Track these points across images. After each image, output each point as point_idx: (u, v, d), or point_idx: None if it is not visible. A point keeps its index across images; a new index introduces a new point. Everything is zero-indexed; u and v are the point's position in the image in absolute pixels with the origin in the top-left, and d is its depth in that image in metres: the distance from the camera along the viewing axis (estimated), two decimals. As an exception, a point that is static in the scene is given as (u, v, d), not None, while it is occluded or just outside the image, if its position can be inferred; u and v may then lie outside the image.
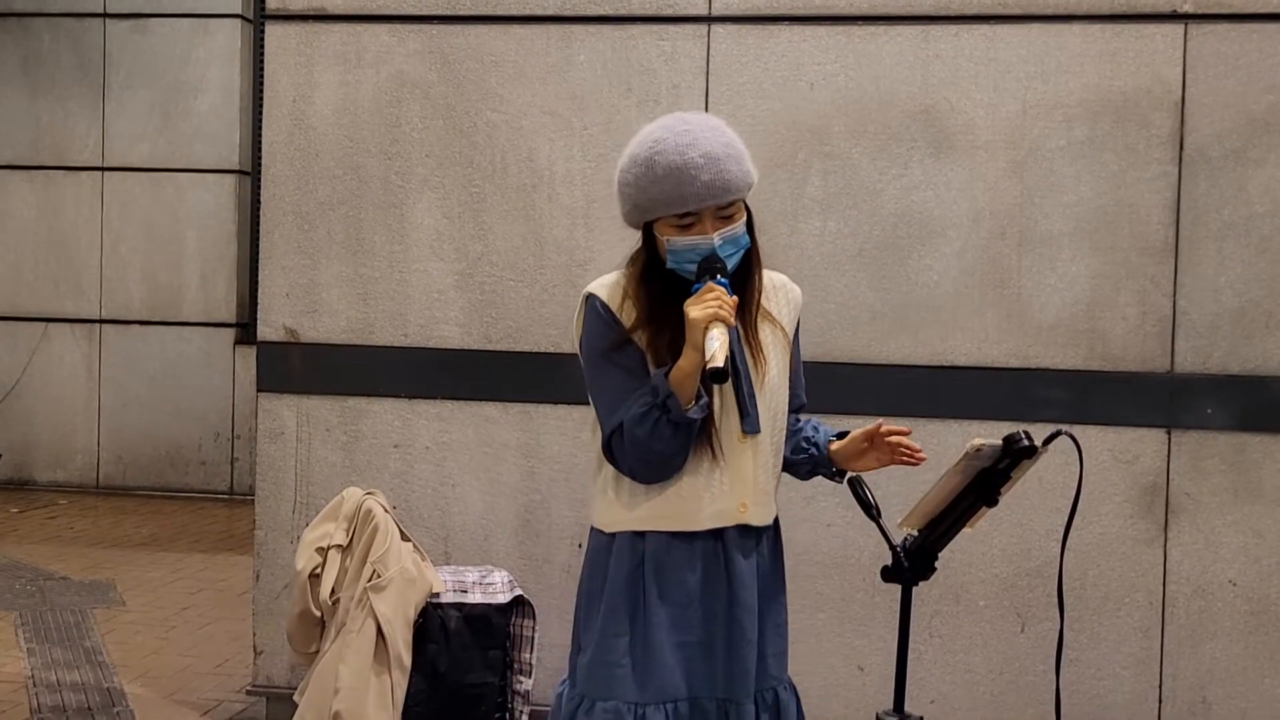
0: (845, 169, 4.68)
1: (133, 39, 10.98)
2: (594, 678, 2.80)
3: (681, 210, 2.67)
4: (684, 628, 2.78)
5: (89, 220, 11.02)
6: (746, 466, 2.79)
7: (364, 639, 4.41)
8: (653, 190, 2.67)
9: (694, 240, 2.68)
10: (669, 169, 2.65)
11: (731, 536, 2.79)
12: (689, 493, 2.76)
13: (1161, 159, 4.54)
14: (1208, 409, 4.53)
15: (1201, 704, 4.57)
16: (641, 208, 2.72)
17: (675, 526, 2.77)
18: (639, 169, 2.70)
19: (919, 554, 2.87)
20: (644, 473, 2.74)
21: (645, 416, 2.65)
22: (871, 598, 4.68)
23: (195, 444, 10.91)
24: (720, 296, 2.61)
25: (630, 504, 2.79)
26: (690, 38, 4.76)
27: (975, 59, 4.62)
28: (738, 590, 2.79)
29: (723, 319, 2.59)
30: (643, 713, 2.75)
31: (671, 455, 2.70)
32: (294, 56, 4.99)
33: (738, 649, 2.79)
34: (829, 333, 4.69)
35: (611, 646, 2.78)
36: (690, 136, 2.68)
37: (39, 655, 6.06)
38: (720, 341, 2.57)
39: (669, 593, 2.77)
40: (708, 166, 2.65)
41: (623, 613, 2.78)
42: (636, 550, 2.78)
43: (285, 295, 4.99)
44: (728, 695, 2.80)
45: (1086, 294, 4.58)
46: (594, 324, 2.78)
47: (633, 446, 2.68)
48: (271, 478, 5.03)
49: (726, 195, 2.67)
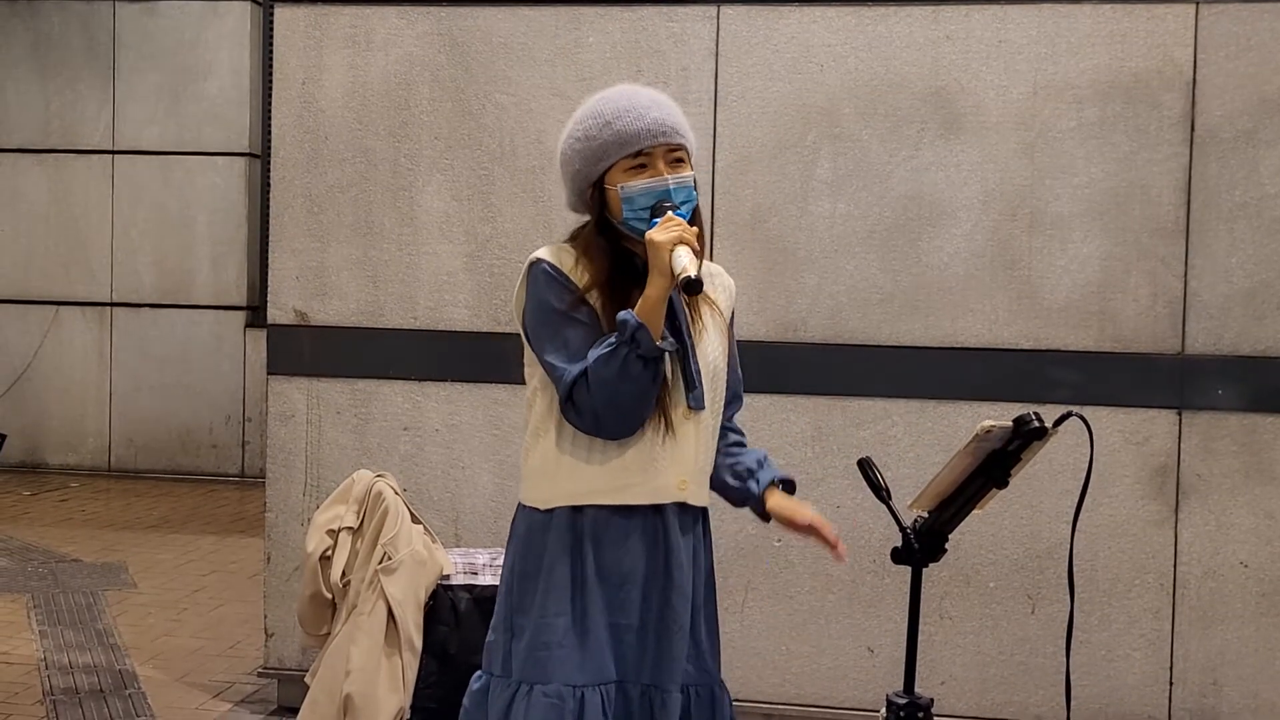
0: (855, 151, 4.67)
1: (142, 21, 10.98)
2: (533, 661, 2.72)
3: (634, 149, 2.69)
4: (618, 609, 2.74)
5: (99, 203, 11.03)
6: (689, 443, 2.77)
7: (375, 621, 4.42)
8: (604, 134, 2.71)
9: (649, 182, 2.70)
10: (617, 111, 2.71)
11: (671, 514, 2.76)
12: (633, 464, 2.72)
13: (1173, 140, 4.52)
14: (1219, 390, 4.52)
15: (1213, 686, 4.57)
16: (592, 158, 2.73)
17: (615, 500, 2.72)
18: (587, 122, 2.74)
19: (929, 536, 2.87)
20: (611, 419, 2.67)
21: (613, 355, 2.61)
22: (881, 579, 4.68)
23: (206, 427, 10.93)
24: (681, 223, 2.63)
25: (571, 477, 2.74)
26: (700, 19, 4.74)
27: (986, 40, 4.60)
28: (674, 572, 2.75)
29: (687, 241, 2.60)
30: (581, 695, 2.69)
31: (640, 396, 2.65)
32: (303, 39, 4.98)
33: (669, 634, 2.75)
34: (839, 314, 4.68)
35: (551, 627, 2.71)
36: (633, 89, 2.78)
37: (51, 638, 6.08)
38: (689, 257, 2.58)
39: (607, 571, 2.73)
40: (654, 106, 2.73)
41: (562, 591, 2.72)
42: (575, 526, 2.74)
43: (295, 278, 4.99)
44: (654, 681, 2.75)
45: (1097, 275, 4.57)
46: (546, 286, 2.76)
47: (600, 389, 2.63)
48: (282, 460, 5.04)
49: (676, 135, 2.73)
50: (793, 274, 4.70)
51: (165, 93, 10.96)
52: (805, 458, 4.65)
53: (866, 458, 2.91)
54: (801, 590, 4.76)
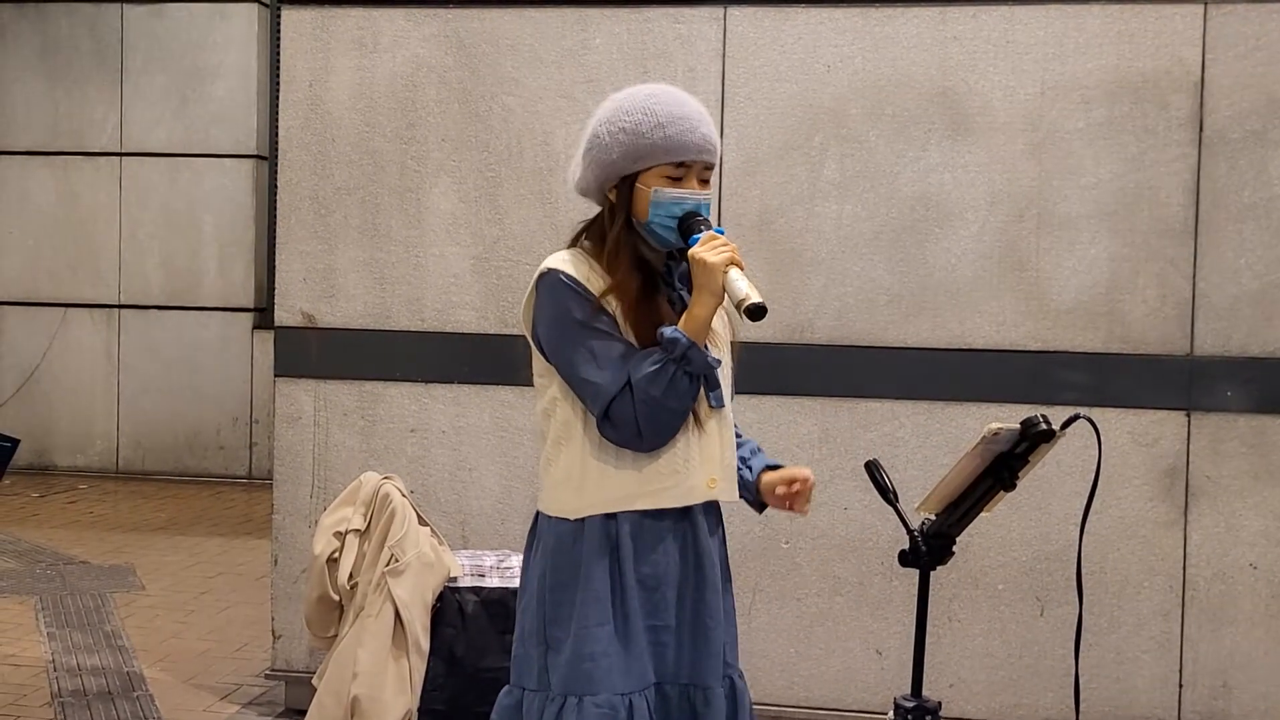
0: (862, 152, 4.66)
1: (150, 24, 10.99)
2: (577, 674, 2.69)
3: (680, 158, 2.69)
4: (654, 612, 2.73)
5: (107, 206, 11.05)
6: (715, 441, 2.77)
7: (382, 623, 4.42)
8: (654, 135, 2.68)
9: (684, 192, 2.70)
10: (672, 116, 2.69)
11: (699, 513, 2.77)
12: (665, 468, 2.71)
13: (1181, 140, 4.51)
14: (1227, 391, 4.51)
15: (1222, 688, 4.55)
16: (634, 154, 2.70)
17: (650, 504, 2.72)
18: (637, 115, 2.70)
19: (936, 538, 2.86)
20: (653, 433, 2.67)
21: (660, 373, 2.61)
22: (889, 581, 4.67)
23: (214, 429, 10.94)
24: (727, 243, 2.63)
25: (600, 485, 2.73)
26: (706, 21, 4.74)
27: (993, 40, 4.59)
28: (706, 570, 2.76)
29: (737, 262, 2.61)
30: (629, 703, 2.69)
31: (684, 412, 2.68)
32: (310, 41, 4.98)
33: (707, 630, 2.75)
34: (846, 316, 4.68)
35: (594, 637, 2.69)
36: (681, 96, 2.76)
37: (59, 640, 6.09)
38: (747, 282, 2.59)
39: (643, 575, 2.72)
40: (704, 122, 2.73)
41: (602, 601, 2.70)
42: (610, 534, 2.72)
43: (302, 280, 4.99)
44: (693, 680, 2.75)
45: (1105, 276, 4.55)
46: (564, 297, 2.73)
47: (645, 407, 2.63)
48: (289, 462, 5.04)
49: (715, 155, 2.75)
50: (800, 275, 4.70)
51: (173, 95, 10.98)
52: (812, 459, 4.64)
53: (874, 460, 2.91)
54: (809, 593, 4.75)
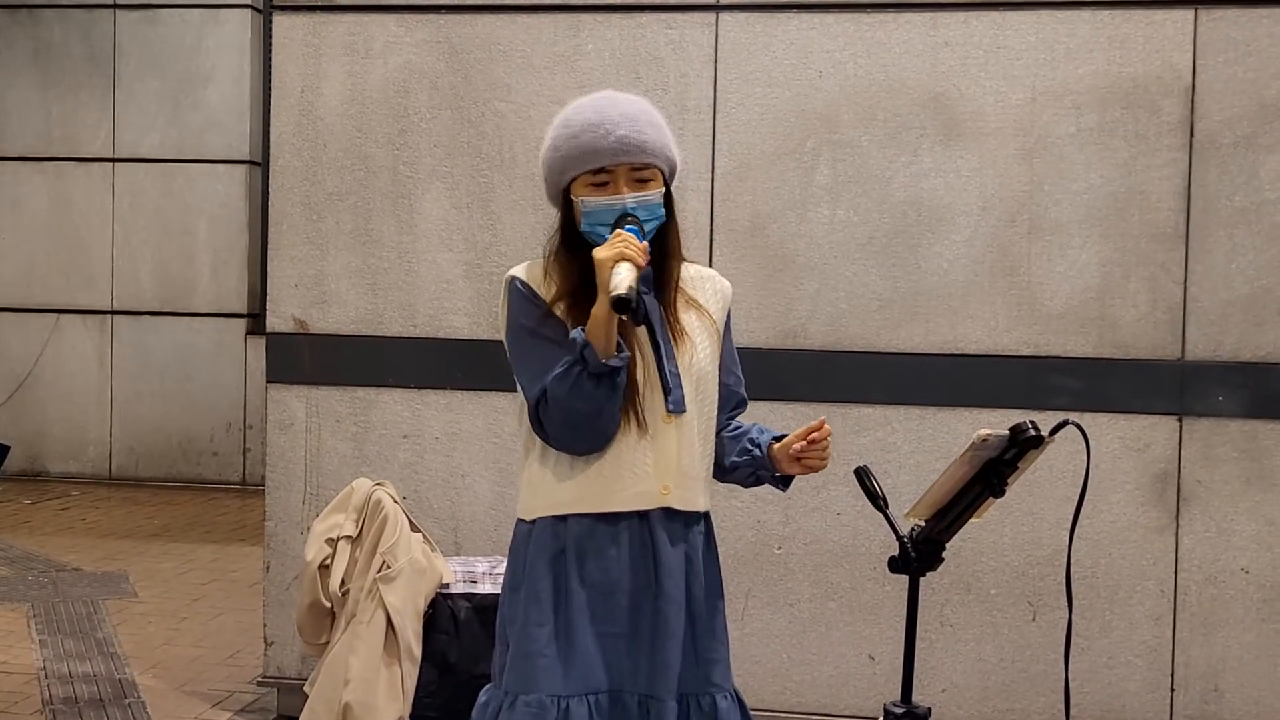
0: (854, 157, 4.67)
1: (143, 30, 10.99)
2: (517, 671, 2.72)
3: (595, 166, 2.68)
4: (606, 618, 2.72)
5: (100, 211, 11.04)
6: (670, 447, 2.74)
7: (374, 630, 4.41)
8: (567, 146, 2.70)
9: (608, 200, 2.69)
10: (585, 124, 2.70)
11: (657, 521, 2.74)
12: (611, 471, 2.71)
13: (1172, 145, 4.52)
14: (1219, 396, 4.52)
15: (1214, 692, 4.56)
16: (557, 167, 2.73)
17: (597, 507, 2.72)
18: (557, 129, 2.74)
19: (926, 544, 2.86)
20: (570, 437, 2.69)
21: (565, 374, 2.62)
22: (882, 587, 4.67)
23: (207, 434, 10.93)
24: (628, 239, 2.60)
25: (552, 488, 2.75)
26: (698, 26, 4.74)
27: (984, 46, 4.60)
28: (663, 580, 2.73)
29: (629, 257, 2.57)
30: (566, 705, 2.68)
31: (595, 413, 2.65)
32: (302, 47, 4.98)
33: (661, 642, 2.72)
34: (839, 321, 4.68)
35: (533, 636, 2.71)
36: (611, 100, 2.75)
37: (51, 647, 6.08)
38: (625, 274, 2.54)
39: (592, 580, 2.72)
40: (624, 123, 2.69)
41: (545, 601, 2.72)
42: (559, 536, 2.73)
43: (294, 286, 4.99)
44: (649, 691, 2.73)
45: (1097, 281, 4.56)
46: (518, 303, 2.76)
47: (556, 408, 2.64)
48: (281, 469, 5.03)
49: (641, 155, 2.69)
50: (792, 280, 4.70)
51: (166, 101, 10.97)
52: (805, 465, 4.64)
53: (864, 466, 2.89)
54: (802, 598, 4.75)
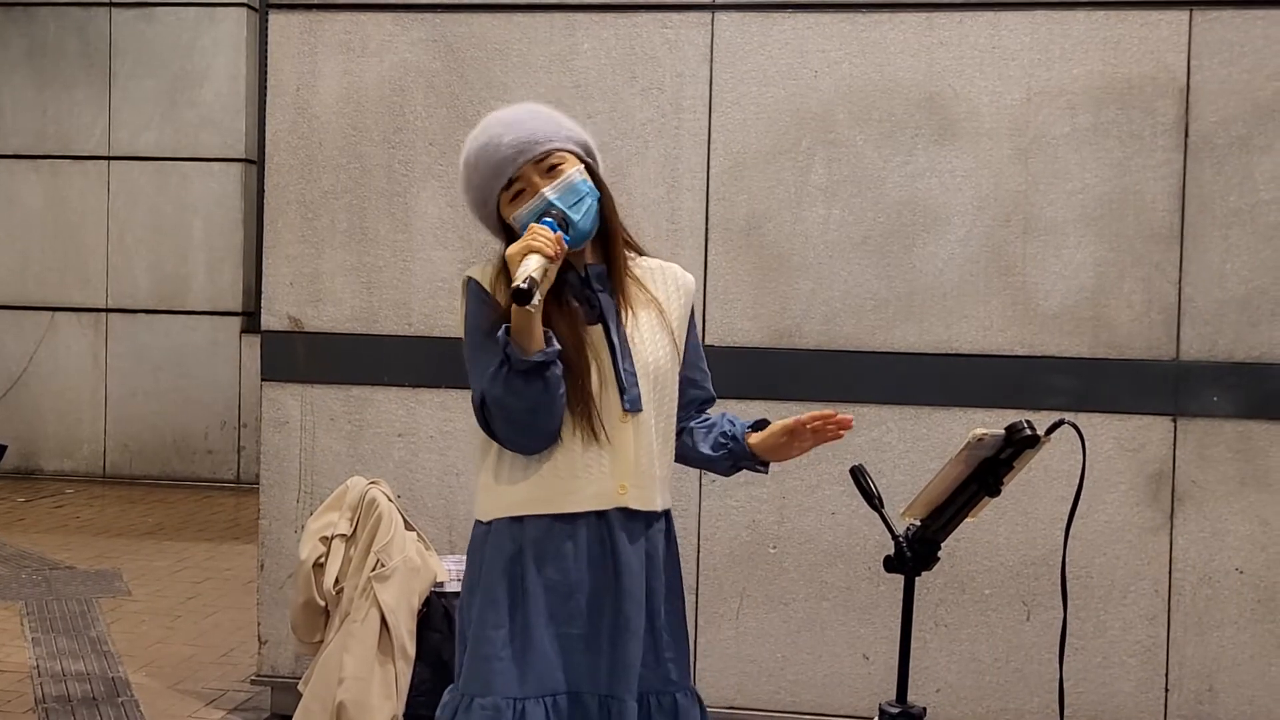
0: (849, 156, 4.67)
1: (138, 28, 10.98)
2: (472, 673, 2.71)
3: (503, 181, 2.72)
4: (564, 619, 2.71)
5: (95, 209, 11.02)
6: (628, 447, 2.73)
7: (368, 629, 4.41)
8: (474, 178, 2.76)
9: (530, 203, 2.70)
10: (478, 150, 2.74)
11: (615, 520, 2.73)
12: (565, 471, 2.71)
13: (1166, 146, 4.52)
14: (1214, 396, 4.52)
15: (1208, 692, 4.56)
16: (479, 200, 2.78)
17: (553, 508, 2.71)
18: (463, 172, 2.79)
19: (921, 544, 2.86)
20: (515, 434, 2.69)
21: (496, 373, 2.63)
22: (876, 586, 4.67)
23: (202, 433, 10.92)
24: (539, 231, 2.61)
25: (507, 489, 2.74)
26: (694, 25, 4.74)
27: (979, 46, 4.60)
28: (624, 579, 2.72)
29: (537, 249, 2.57)
30: (522, 707, 2.66)
31: (530, 409, 2.65)
32: (297, 45, 4.98)
33: (621, 641, 2.71)
34: (833, 320, 4.68)
35: (489, 639, 2.70)
36: (494, 118, 2.78)
37: (44, 645, 6.07)
38: (529, 266, 2.54)
39: (550, 581, 2.70)
40: (509, 131, 2.72)
41: (500, 604, 2.70)
42: (515, 538, 2.72)
43: (289, 284, 4.99)
44: (610, 691, 2.71)
45: (1091, 281, 4.56)
46: (473, 305, 2.77)
47: (495, 408, 2.65)
48: (276, 467, 5.03)
49: (535, 147, 2.71)
50: (787, 280, 4.70)
51: (161, 99, 10.96)
52: (799, 464, 4.63)
53: (859, 465, 2.89)
54: (796, 597, 4.75)
